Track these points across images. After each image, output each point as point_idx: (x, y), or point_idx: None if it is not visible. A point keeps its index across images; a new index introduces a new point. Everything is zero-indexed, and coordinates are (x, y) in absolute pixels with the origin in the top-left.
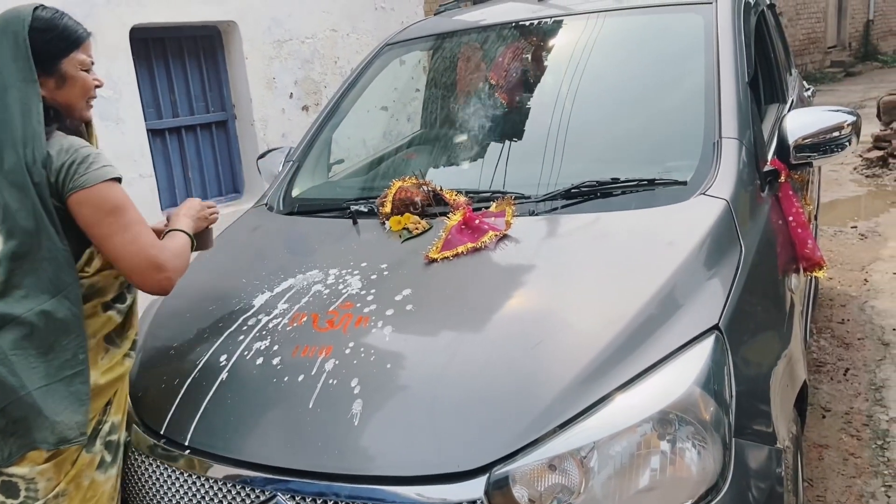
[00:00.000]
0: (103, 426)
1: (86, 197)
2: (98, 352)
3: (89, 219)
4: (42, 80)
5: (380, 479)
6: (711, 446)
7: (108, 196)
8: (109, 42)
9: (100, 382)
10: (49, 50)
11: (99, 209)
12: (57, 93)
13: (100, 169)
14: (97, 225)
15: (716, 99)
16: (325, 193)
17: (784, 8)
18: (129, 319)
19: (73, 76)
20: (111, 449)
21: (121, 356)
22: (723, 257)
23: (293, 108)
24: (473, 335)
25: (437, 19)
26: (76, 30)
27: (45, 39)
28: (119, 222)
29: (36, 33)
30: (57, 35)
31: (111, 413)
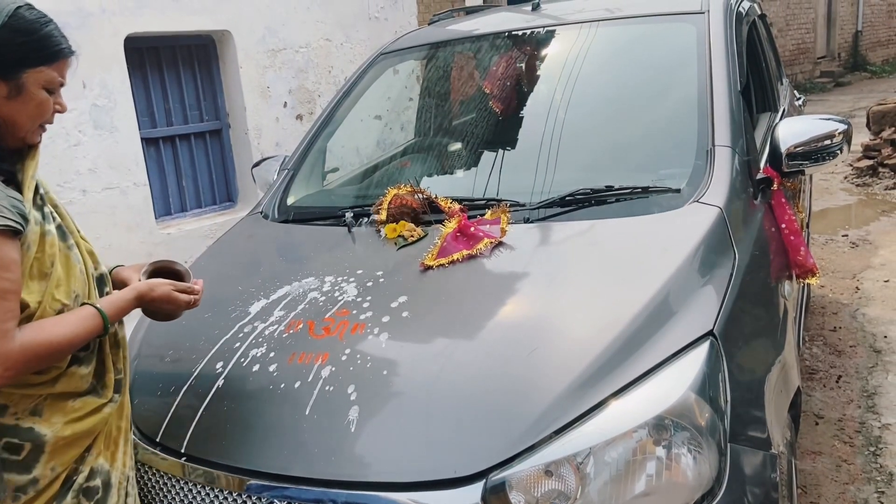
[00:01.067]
0: (78, 476)
1: None
2: (66, 398)
3: None
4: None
5: (377, 486)
6: (707, 452)
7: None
8: (104, 51)
9: (64, 434)
10: (15, 53)
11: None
12: (4, 104)
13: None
14: None
15: (709, 107)
16: (320, 201)
17: (774, 18)
18: (105, 363)
19: (30, 92)
20: (91, 495)
21: (97, 404)
22: (717, 264)
23: (287, 117)
24: (469, 342)
25: (430, 29)
26: (57, 43)
27: (15, 42)
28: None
29: (7, 32)
30: (32, 41)
31: (89, 460)
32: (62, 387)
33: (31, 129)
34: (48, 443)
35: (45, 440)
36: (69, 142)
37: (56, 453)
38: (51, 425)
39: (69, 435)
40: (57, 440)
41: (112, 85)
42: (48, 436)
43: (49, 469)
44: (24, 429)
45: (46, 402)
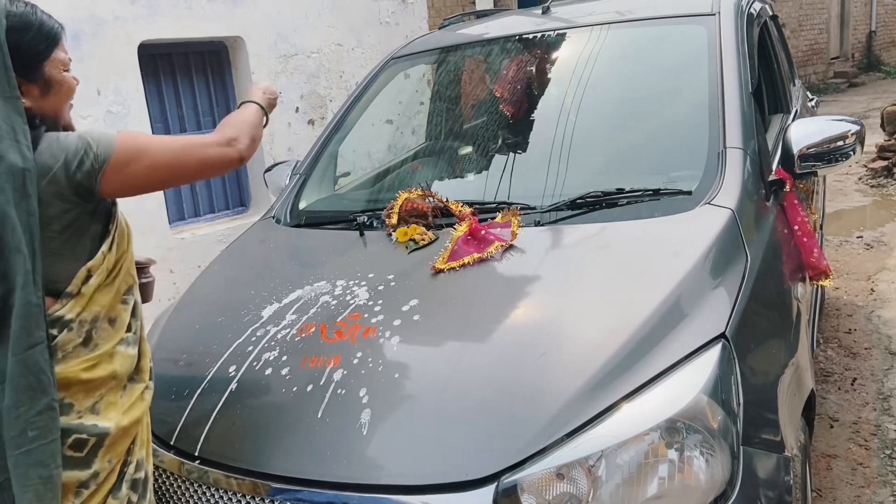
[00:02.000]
0: (129, 467)
1: (120, 159)
2: (116, 391)
3: (139, 172)
4: (25, 89)
5: (389, 489)
6: (719, 454)
7: (133, 143)
8: (118, 58)
9: (123, 424)
10: (30, 52)
11: (141, 153)
12: (43, 101)
13: (102, 134)
14: (151, 167)
15: (720, 109)
16: (331, 206)
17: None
18: (141, 348)
19: (58, 80)
20: (138, 487)
21: (140, 390)
22: (728, 266)
23: (299, 122)
24: (480, 345)
25: (441, 33)
26: (52, 25)
27: (24, 41)
28: (162, 143)
29: (13, 34)
30: (35, 33)
31: (136, 451)
32: (118, 365)
33: (67, 112)
34: (110, 435)
35: (108, 433)
36: None
37: (112, 446)
38: (109, 420)
39: (127, 424)
40: (118, 431)
41: (126, 91)
42: (111, 428)
43: (106, 462)
44: (89, 425)
45: (103, 399)
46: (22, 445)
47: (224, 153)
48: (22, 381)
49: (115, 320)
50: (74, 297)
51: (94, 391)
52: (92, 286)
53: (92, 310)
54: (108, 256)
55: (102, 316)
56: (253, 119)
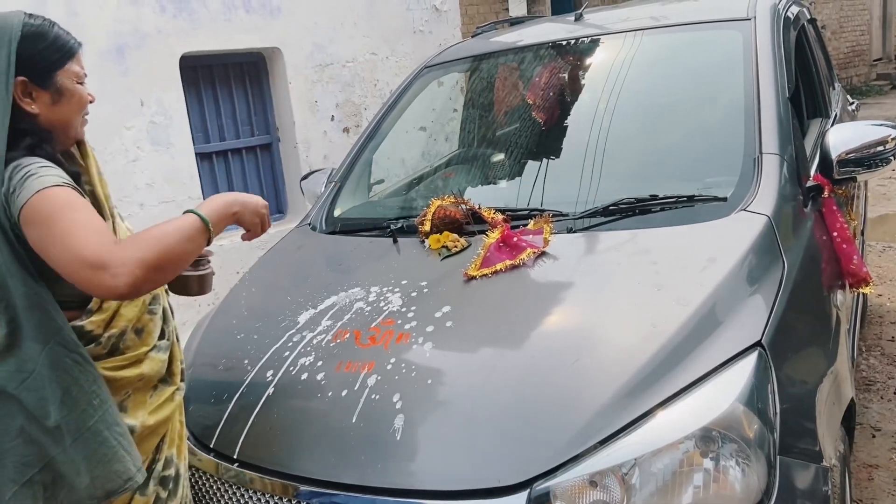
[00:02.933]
0: (157, 464)
1: (25, 217)
2: (145, 391)
3: (35, 241)
4: (36, 94)
5: (422, 493)
6: (756, 464)
7: (39, 207)
8: (161, 71)
9: (149, 423)
10: (43, 60)
11: (36, 224)
12: (53, 109)
13: (36, 180)
14: (40, 245)
15: (756, 114)
16: (366, 213)
17: (827, 21)
18: (173, 351)
19: (69, 89)
20: (167, 484)
21: (170, 392)
22: (765, 273)
23: (334, 130)
24: (513, 351)
25: (474, 41)
26: (68, 40)
27: (37, 50)
28: (53, 229)
29: (27, 43)
30: (50, 44)
31: (164, 449)
32: (147, 368)
33: (78, 124)
34: (136, 433)
35: (134, 430)
36: (128, 158)
37: (140, 444)
38: (136, 418)
39: (153, 423)
40: (143, 430)
41: (168, 103)
42: (136, 426)
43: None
44: None
45: (130, 397)
46: (95, 413)
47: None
48: (67, 360)
49: (142, 331)
50: (95, 313)
51: (121, 389)
52: (115, 303)
53: (119, 325)
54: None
55: (129, 329)
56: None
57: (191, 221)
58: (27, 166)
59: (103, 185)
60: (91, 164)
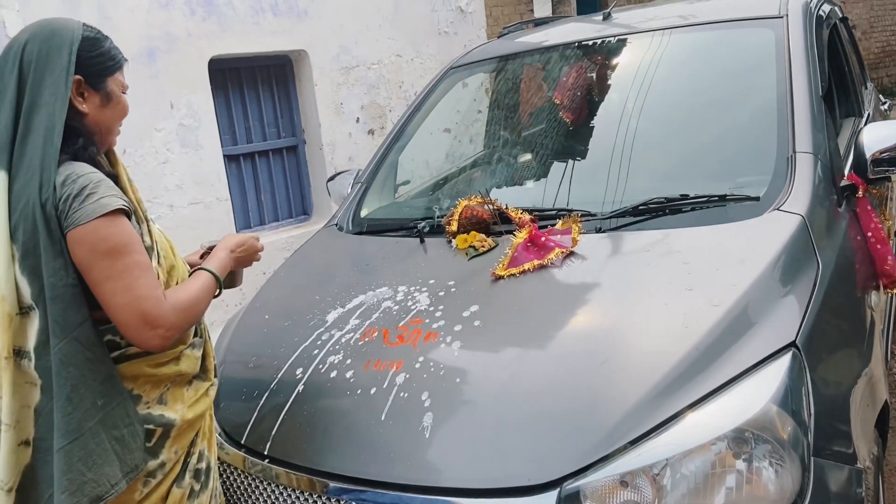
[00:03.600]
0: (191, 458)
1: (80, 236)
2: (182, 386)
3: (83, 261)
4: (88, 94)
5: (451, 491)
6: (790, 465)
7: (103, 235)
8: (190, 73)
9: (188, 417)
10: (99, 65)
11: (93, 250)
12: (100, 112)
13: (96, 202)
14: (90, 269)
15: (789, 113)
16: (392, 213)
17: (858, 21)
18: (206, 349)
19: (117, 96)
20: (200, 477)
21: (206, 388)
22: (799, 274)
23: (360, 132)
24: (541, 351)
25: (499, 42)
26: (118, 52)
27: (95, 53)
28: (114, 267)
29: (86, 45)
30: (105, 52)
31: (198, 443)
32: (184, 365)
33: (117, 131)
34: (176, 426)
35: (174, 424)
36: (158, 160)
37: (178, 437)
38: (175, 412)
39: (191, 417)
40: (182, 423)
41: (197, 105)
42: (177, 419)
43: (173, 452)
44: (156, 416)
45: (169, 391)
46: (96, 415)
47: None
48: (80, 357)
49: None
50: None
51: (161, 384)
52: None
53: None
54: (159, 271)
55: None
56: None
57: (207, 281)
58: (83, 176)
59: (134, 191)
60: (121, 170)
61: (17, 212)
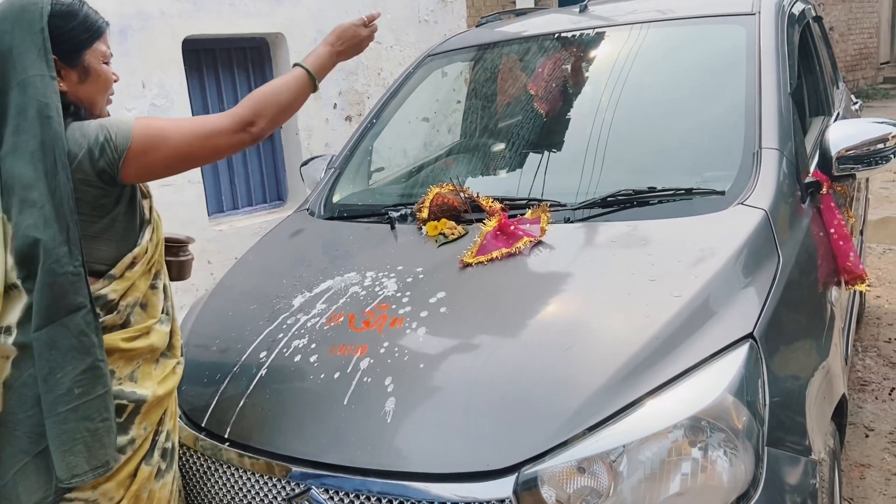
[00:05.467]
0: (160, 436)
1: (139, 145)
2: (151, 363)
3: (154, 163)
4: (64, 72)
5: (411, 476)
6: (743, 454)
7: (149, 129)
8: (163, 52)
9: (158, 393)
10: (72, 40)
11: (152, 142)
12: (80, 88)
13: (120, 121)
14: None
15: (757, 109)
16: (364, 199)
17: (835, 23)
18: (173, 326)
19: (96, 69)
20: (166, 456)
21: (172, 365)
22: (759, 267)
23: (337, 118)
24: (506, 338)
25: (478, 31)
26: (97, 19)
27: (67, 28)
28: (176, 137)
29: (57, 21)
30: (79, 24)
31: (166, 422)
32: (154, 339)
33: (103, 103)
34: (147, 402)
35: (145, 400)
36: None
37: (147, 414)
38: (146, 388)
39: (162, 394)
40: (154, 399)
41: (170, 85)
42: (148, 396)
43: (142, 429)
44: (128, 391)
45: (140, 368)
46: (70, 402)
47: (238, 140)
48: (64, 343)
49: (147, 305)
50: (117, 279)
51: (133, 360)
52: (136, 272)
53: (134, 295)
54: (149, 246)
55: (137, 303)
56: (285, 96)
57: (298, 79)
58: (91, 123)
59: None
60: None
61: (13, 193)
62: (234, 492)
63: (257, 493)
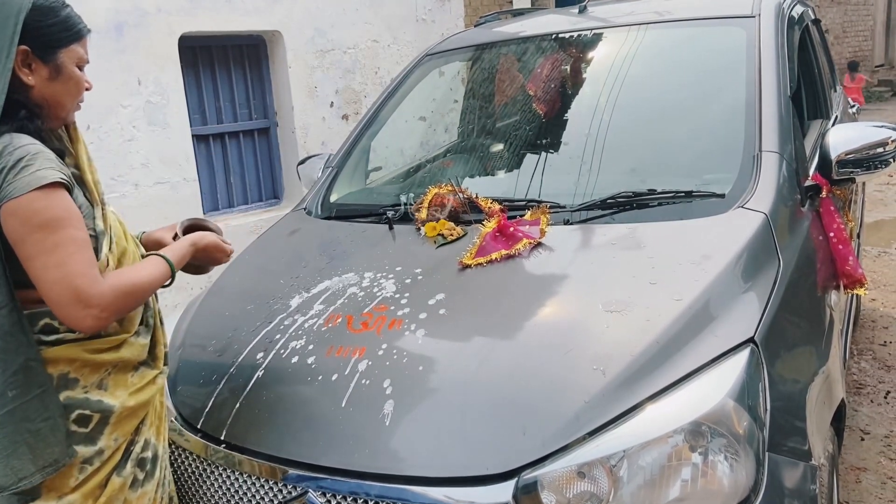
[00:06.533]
0: (135, 446)
1: (13, 209)
2: (126, 372)
3: (15, 235)
4: (35, 66)
5: (409, 480)
6: (744, 459)
7: (37, 208)
8: (159, 50)
9: (129, 404)
10: (49, 36)
11: (26, 224)
12: (48, 85)
13: (32, 174)
14: (22, 243)
15: (756, 112)
16: (362, 199)
17: (831, 26)
18: (156, 336)
19: (69, 71)
20: (144, 465)
21: (153, 376)
22: (760, 271)
23: (333, 116)
24: (505, 341)
25: (476, 31)
26: (78, 22)
27: (45, 23)
28: (47, 241)
29: (37, 14)
30: (59, 22)
31: (144, 431)
32: (126, 352)
33: (71, 107)
34: (115, 413)
35: (113, 410)
36: (123, 137)
37: (119, 424)
38: (116, 398)
39: (133, 405)
40: (122, 410)
41: (166, 82)
42: (116, 406)
43: (112, 440)
44: (94, 401)
45: (110, 376)
46: (5, 405)
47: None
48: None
49: (123, 319)
50: None
51: (100, 369)
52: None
53: None
54: (109, 258)
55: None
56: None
57: (161, 269)
58: (20, 148)
59: (92, 171)
60: (81, 148)
61: None
62: (229, 494)
63: (253, 496)
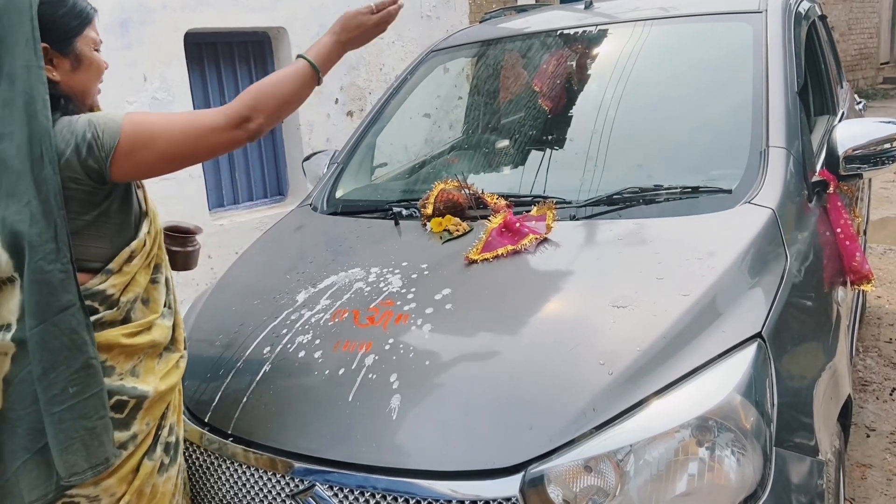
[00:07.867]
0: (162, 430)
1: (127, 143)
2: (153, 358)
3: (144, 161)
4: (57, 61)
5: (416, 473)
6: (751, 454)
7: (139, 126)
8: (165, 46)
9: (160, 389)
10: (63, 27)
11: (150, 137)
12: (73, 77)
13: (107, 122)
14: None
15: (764, 108)
16: (367, 195)
17: (836, 23)
18: (176, 319)
19: (88, 56)
20: (170, 450)
21: (175, 359)
22: (767, 266)
23: (338, 113)
24: (511, 335)
25: (481, 27)
26: (85, 6)
27: (57, 15)
28: (167, 135)
29: (47, 8)
30: (69, 10)
31: (169, 416)
32: (156, 334)
33: (95, 91)
34: (149, 398)
35: (147, 396)
36: None
37: (150, 409)
38: (148, 384)
39: (164, 389)
40: (156, 395)
41: (171, 79)
42: (150, 392)
43: (144, 424)
44: (129, 388)
45: (142, 363)
46: (65, 401)
47: (232, 138)
48: (56, 342)
49: (148, 300)
50: (115, 274)
51: (134, 355)
52: (135, 266)
53: (134, 290)
54: (147, 239)
55: (139, 298)
56: (286, 90)
57: (300, 73)
58: (79, 120)
59: None
60: None
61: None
62: (237, 487)
63: (261, 489)
